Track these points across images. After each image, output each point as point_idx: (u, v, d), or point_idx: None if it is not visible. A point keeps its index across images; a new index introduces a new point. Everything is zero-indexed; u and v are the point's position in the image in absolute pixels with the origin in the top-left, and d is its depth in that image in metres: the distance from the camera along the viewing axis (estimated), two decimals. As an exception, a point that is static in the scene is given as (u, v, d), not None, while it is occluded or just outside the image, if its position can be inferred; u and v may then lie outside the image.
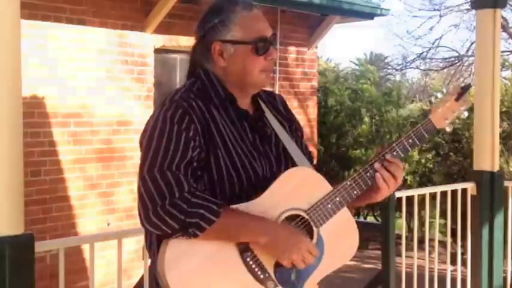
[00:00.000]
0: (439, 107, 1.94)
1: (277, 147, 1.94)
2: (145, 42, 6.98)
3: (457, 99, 1.93)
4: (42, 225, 6.08)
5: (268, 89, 2.08)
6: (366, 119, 10.32)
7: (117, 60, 6.77)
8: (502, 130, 7.75)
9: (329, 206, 1.85)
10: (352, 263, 8.87)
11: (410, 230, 8.46)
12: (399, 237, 4.47)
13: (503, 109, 7.82)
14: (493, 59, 4.39)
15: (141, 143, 1.85)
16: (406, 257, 4.22)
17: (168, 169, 1.73)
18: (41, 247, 2.53)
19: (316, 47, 9.11)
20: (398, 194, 4.07)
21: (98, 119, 6.61)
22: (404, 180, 9.52)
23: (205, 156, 1.79)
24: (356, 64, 22.79)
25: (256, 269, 1.76)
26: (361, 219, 11.32)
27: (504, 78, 10.35)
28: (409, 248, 4.85)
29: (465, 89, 1.94)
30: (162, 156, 1.75)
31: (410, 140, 1.94)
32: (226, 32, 1.87)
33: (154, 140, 1.78)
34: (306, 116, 8.95)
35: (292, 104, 8.57)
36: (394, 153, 1.92)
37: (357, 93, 11.03)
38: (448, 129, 1.98)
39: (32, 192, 5.95)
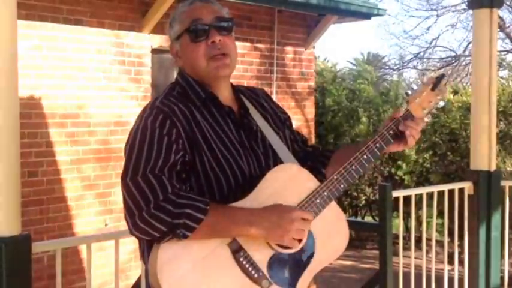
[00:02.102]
0: (416, 97, 1.97)
1: (264, 142, 1.93)
2: (143, 43, 6.98)
3: (433, 89, 1.96)
4: (39, 225, 6.08)
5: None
6: (364, 119, 10.32)
7: (114, 61, 6.77)
8: (498, 130, 7.75)
9: (317, 201, 1.84)
10: (350, 262, 8.88)
11: (407, 229, 8.47)
12: (397, 237, 4.48)
13: (500, 109, 7.82)
14: (490, 58, 4.39)
15: (125, 151, 1.83)
16: (403, 256, 4.22)
17: (151, 173, 1.71)
18: (38, 248, 2.53)
19: (314, 47, 9.11)
20: (395, 194, 4.08)
21: (95, 119, 6.61)
22: (402, 180, 9.53)
23: (191, 160, 1.78)
24: (353, 64, 22.80)
25: (250, 268, 1.75)
26: (359, 219, 11.32)
27: (501, 78, 10.36)
28: (407, 247, 4.86)
29: (440, 79, 1.98)
30: (144, 162, 1.73)
31: (391, 131, 1.95)
32: (172, 32, 1.91)
33: (136, 146, 1.76)
34: (303, 116, 8.95)
35: (290, 104, 8.58)
36: (377, 145, 1.93)
37: (355, 93, 11.04)
38: (426, 119, 2.01)
39: (29, 193, 5.95)
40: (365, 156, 1.91)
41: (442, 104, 2.03)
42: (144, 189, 1.70)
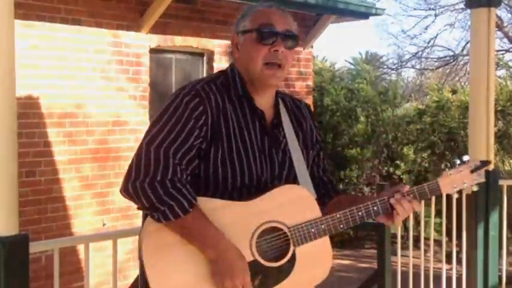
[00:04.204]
0: (452, 173, 1.96)
1: (284, 153, 1.96)
2: (141, 42, 6.97)
3: (472, 171, 1.96)
4: (37, 225, 6.07)
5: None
6: (362, 119, 10.32)
7: (112, 60, 6.76)
8: (497, 129, 7.76)
9: (312, 230, 1.87)
10: (348, 262, 8.88)
11: (405, 229, 8.48)
12: (395, 236, 4.48)
13: (498, 108, 7.83)
14: (488, 58, 4.39)
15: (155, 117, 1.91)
16: (401, 256, 4.22)
17: (164, 151, 1.79)
18: (35, 247, 2.53)
19: (312, 47, 9.11)
20: (393, 193, 4.07)
21: (93, 119, 6.60)
22: (400, 179, 9.53)
23: (207, 147, 1.83)
24: (352, 63, 22.78)
25: None
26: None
27: (499, 77, 10.37)
28: (405, 247, 4.85)
29: (484, 164, 1.97)
30: (164, 135, 1.81)
31: (411, 195, 1.95)
32: (241, 24, 1.96)
33: (165, 116, 1.84)
34: (302, 115, 8.94)
35: (288, 104, 8.56)
36: (375, 208, 1.96)
37: (353, 93, 11.03)
38: (454, 195, 2.01)
39: (27, 193, 5.94)
40: (360, 213, 1.94)
41: (475, 188, 2.04)
42: (150, 161, 1.78)
